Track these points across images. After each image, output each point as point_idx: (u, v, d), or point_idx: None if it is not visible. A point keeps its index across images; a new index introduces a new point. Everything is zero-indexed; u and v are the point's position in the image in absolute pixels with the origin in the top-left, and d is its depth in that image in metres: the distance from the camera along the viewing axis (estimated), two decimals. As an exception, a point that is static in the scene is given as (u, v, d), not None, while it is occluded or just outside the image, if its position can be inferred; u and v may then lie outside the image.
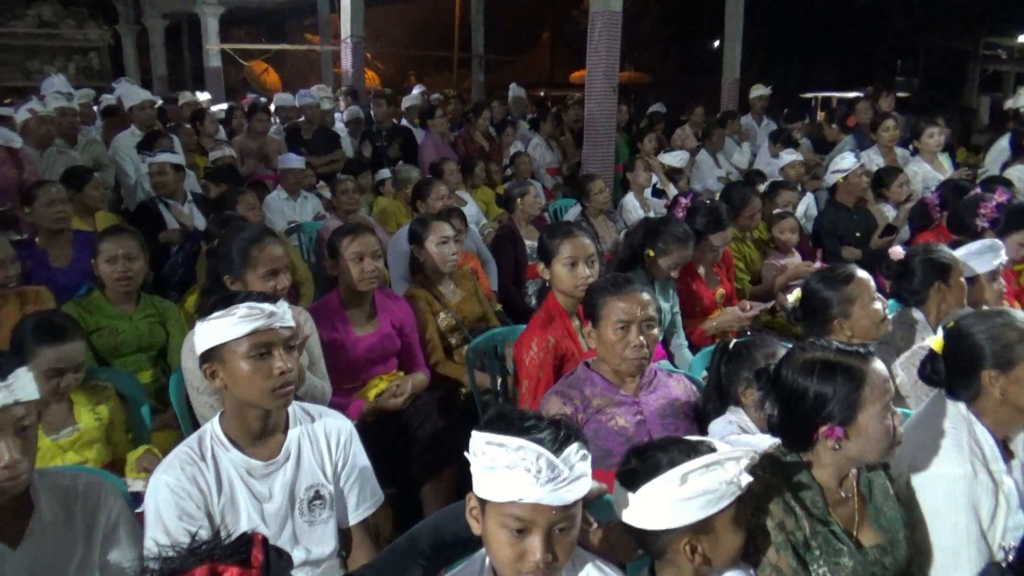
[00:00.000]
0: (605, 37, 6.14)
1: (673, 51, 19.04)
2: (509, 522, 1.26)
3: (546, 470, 1.24)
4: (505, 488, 1.25)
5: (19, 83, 12.65)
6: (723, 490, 1.36)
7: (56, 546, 1.56)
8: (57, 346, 2.16)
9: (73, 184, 3.71)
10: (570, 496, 1.27)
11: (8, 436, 1.43)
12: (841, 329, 2.27)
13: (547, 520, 1.26)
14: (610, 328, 2.07)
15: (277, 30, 19.02)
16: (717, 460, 1.37)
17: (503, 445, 1.26)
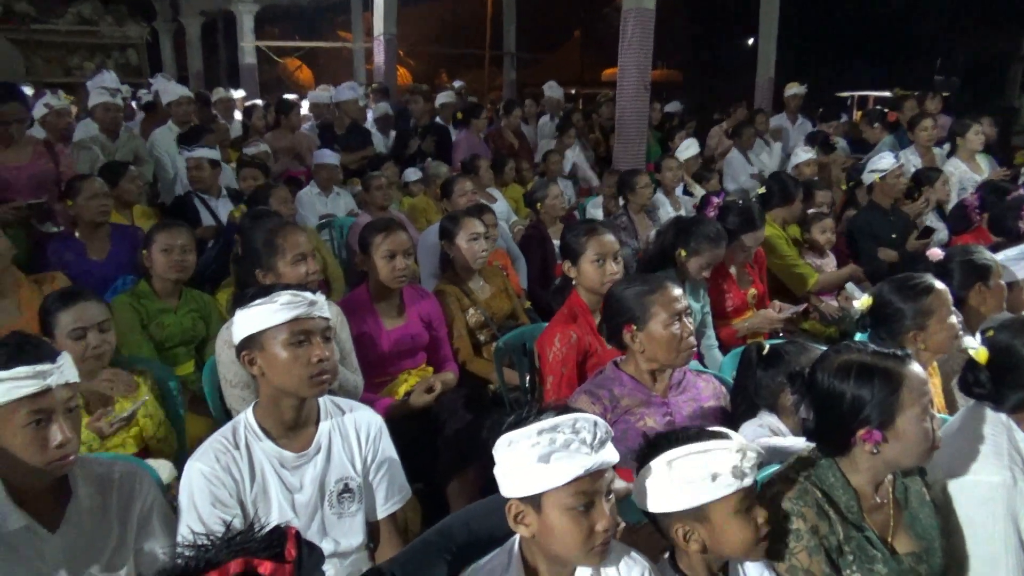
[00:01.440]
0: (638, 35, 6.11)
1: (706, 49, 18.85)
2: (575, 501, 1.28)
3: (601, 434, 1.28)
4: (567, 468, 1.26)
5: (60, 79, 12.90)
6: (711, 479, 1.36)
7: (92, 531, 1.60)
8: (72, 306, 2.21)
9: (110, 178, 3.77)
10: (615, 455, 1.32)
11: (61, 416, 1.49)
12: (915, 342, 2.17)
13: (604, 484, 1.30)
14: (661, 325, 2.05)
15: (311, 27, 19.19)
16: (703, 449, 1.38)
17: (556, 427, 1.28)
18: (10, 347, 1.48)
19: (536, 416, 1.31)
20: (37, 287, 2.81)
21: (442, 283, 3.27)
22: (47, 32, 14.23)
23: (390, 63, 10.96)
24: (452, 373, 2.95)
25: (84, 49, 14.93)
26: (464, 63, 19.11)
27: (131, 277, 3.22)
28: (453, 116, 7.64)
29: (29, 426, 1.46)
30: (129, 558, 1.66)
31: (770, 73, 9.62)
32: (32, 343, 1.51)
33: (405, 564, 1.39)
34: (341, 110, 6.91)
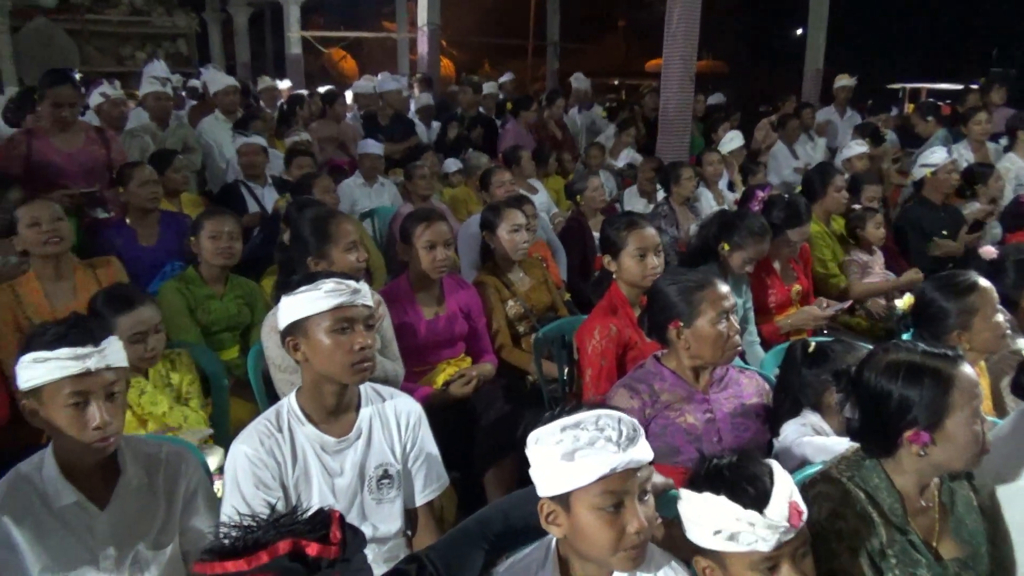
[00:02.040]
0: (683, 24, 6.02)
1: (752, 39, 18.51)
2: (603, 501, 1.24)
3: (627, 431, 1.25)
4: (593, 466, 1.23)
5: (112, 68, 13.22)
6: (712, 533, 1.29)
7: (140, 509, 1.65)
8: (131, 312, 2.27)
9: (158, 166, 3.86)
10: (649, 453, 1.28)
11: (99, 399, 1.53)
12: (959, 341, 2.12)
13: (636, 485, 1.26)
14: (708, 322, 2.02)
15: (355, 18, 19.33)
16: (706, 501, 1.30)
17: (579, 424, 1.25)
18: (60, 328, 1.53)
19: (567, 413, 1.29)
20: (92, 271, 2.90)
21: (482, 274, 3.28)
22: (101, 22, 14.58)
23: (433, 53, 11.00)
24: (490, 364, 2.96)
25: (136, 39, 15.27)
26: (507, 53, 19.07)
27: (179, 263, 3.30)
28: (498, 107, 7.63)
29: (69, 406, 1.51)
30: (175, 536, 1.71)
31: (819, 64, 9.41)
32: (80, 326, 1.55)
33: (443, 552, 1.40)
34: (385, 100, 6.97)
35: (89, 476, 1.59)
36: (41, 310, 2.70)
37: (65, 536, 1.56)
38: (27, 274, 2.81)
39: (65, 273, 2.83)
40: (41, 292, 2.76)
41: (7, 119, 4.87)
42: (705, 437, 2.01)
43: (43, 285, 2.77)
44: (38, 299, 2.73)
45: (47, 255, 2.77)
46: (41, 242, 2.74)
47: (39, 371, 1.50)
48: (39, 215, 2.74)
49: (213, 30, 17.23)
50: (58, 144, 3.82)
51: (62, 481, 1.56)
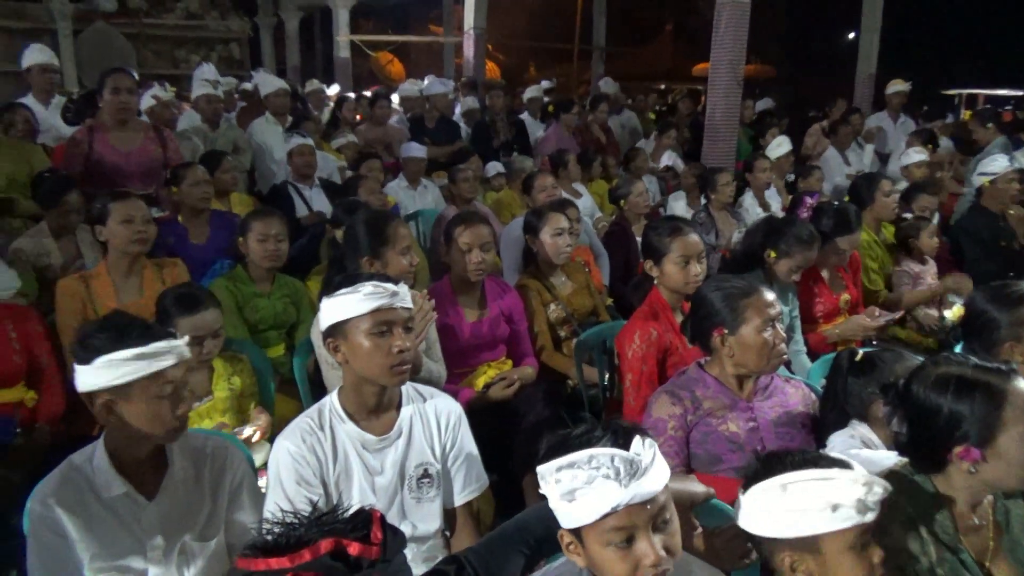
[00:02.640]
0: (731, 28, 5.95)
1: (802, 43, 18.21)
2: (612, 537, 1.21)
3: (624, 468, 1.20)
4: (594, 505, 1.20)
5: (168, 71, 13.58)
6: (829, 511, 1.26)
7: (186, 501, 1.69)
8: (194, 315, 2.31)
9: (208, 167, 3.94)
10: (657, 485, 1.22)
11: (181, 391, 1.60)
12: (1011, 353, 2.05)
13: (646, 518, 1.22)
14: (753, 330, 2.00)
15: (403, 22, 19.55)
16: (825, 476, 1.28)
17: (573, 464, 1.22)
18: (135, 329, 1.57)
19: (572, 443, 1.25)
20: (158, 270, 2.97)
21: (524, 277, 3.28)
22: (157, 26, 14.98)
23: (479, 57, 11.05)
24: (531, 367, 2.96)
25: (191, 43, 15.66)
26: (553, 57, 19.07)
27: (228, 261, 3.37)
28: (542, 111, 7.63)
29: (152, 402, 1.56)
30: (221, 529, 1.74)
31: (871, 69, 9.20)
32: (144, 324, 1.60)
33: (483, 554, 1.40)
34: (431, 103, 7.02)
35: (138, 468, 1.64)
36: (109, 304, 2.76)
37: (114, 526, 1.60)
38: (99, 267, 2.88)
39: (136, 270, 2.90)
40: (112, 286, 2.82)
41: (67, 119, 5.03)
42: (748, 446, 1.98)
43: (114, 279, 2.84)
44: (108, 292, 2.80)
45: (129, 253, 2.84)
46: (130, 240, 2.80)
47: (134, 367, 1.53)
48: (133, 213, 2.81)
49: (265, 34, 17.59)
50: (117, 143, 3.94)
51: (112, 472, 1.60)
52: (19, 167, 3.85)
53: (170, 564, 1.66)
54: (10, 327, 2.54)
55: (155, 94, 5.14)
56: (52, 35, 12.62)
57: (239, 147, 5.17)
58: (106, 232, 2.82)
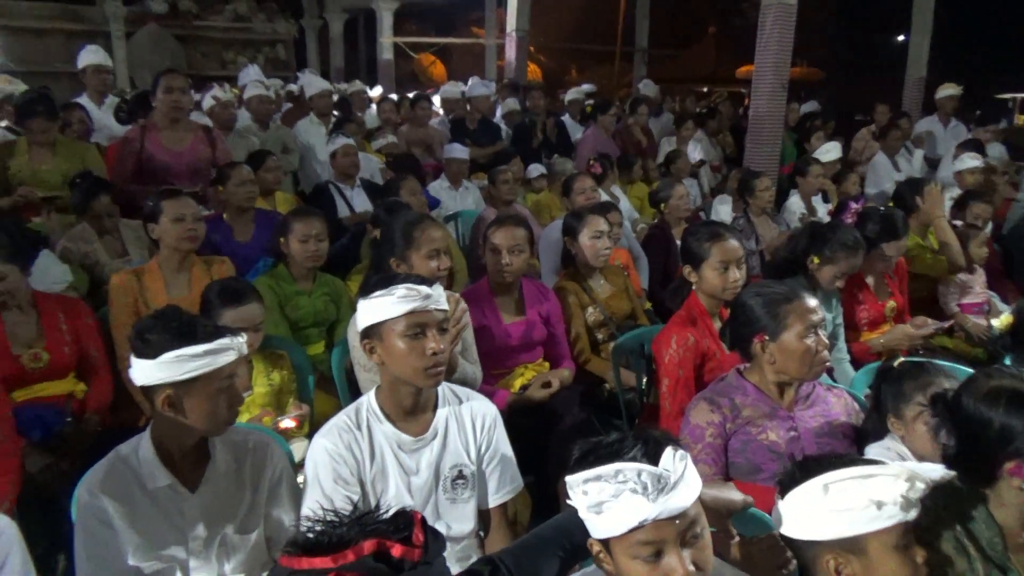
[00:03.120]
0: (777, 30, 5.86)
1: (850, 46, 17.84)
2: (640, 551, 1.20)
3: (652, 483, 1.18)
4: (621, 519, 1.19)
5: (216, 72, 13.86)
6: (873, 509, 1.24)
7: (227, 494, 1.73)
8: (237, 307, 2.36)
9: (252, 166, 4.01)
10: (686, 500, 1.20)
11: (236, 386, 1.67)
12: None
13: (675, 533, 1.20)
14: (795, 336, 1.96)
15: (445, 24, 19.67)
16: (866, 474, 1.27)
17: (600, 477, 1.21)
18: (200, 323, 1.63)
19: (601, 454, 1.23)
20: (206, 267, 3.03)
21: (563, 280, 3.28)
22: (206, 28, 15.30)
23: (521, 59, 11.05)
24: (568, 370, 2.95)
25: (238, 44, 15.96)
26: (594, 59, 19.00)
27: (270, 259, 3.43)
28: (581, 112, 7.61)
29: (213, 396, 1.62)
30: (260, 522, 1.77)
31: (922, 72, 8.99)
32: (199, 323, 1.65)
33: (518, 556, 1.40)
34: (472, 105, 7.05)
35: (182, 460, 1.68)
36: (159, 298, 2.83)
37: (158, 517, 1.64)
38: (151, 263, 2.96)
39: (185, 266, 2.97)
40: (162, 281, 2.90)
41: (120, 119, 5.18)
42: (788, 455, 1.95)
43: (164, 275, 2.91)
44: (159, 287, 2.88)
45: (180, 250, 2.91)
46: (181, 237, 2.87)
47: (195, 364, 1.58)
48: (184, 212, 2.87)
49: (310, 36, 17.86)
50: (168, 143, 4.03)
51: (157, 464, 1.64)
52: (74, 165, 3.96)
53: (210, 555, 1.70)
54: (62, 319, 2.62)
55: (215, 95, 5.27)
56: (105, 37, 12.97)
57: (288, 147, 5.25)
58: (158, 230, 2.88)
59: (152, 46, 13.96)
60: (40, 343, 2.54)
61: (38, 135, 3.90)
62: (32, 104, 3.89)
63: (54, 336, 2.57)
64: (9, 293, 2.45)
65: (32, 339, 2.54)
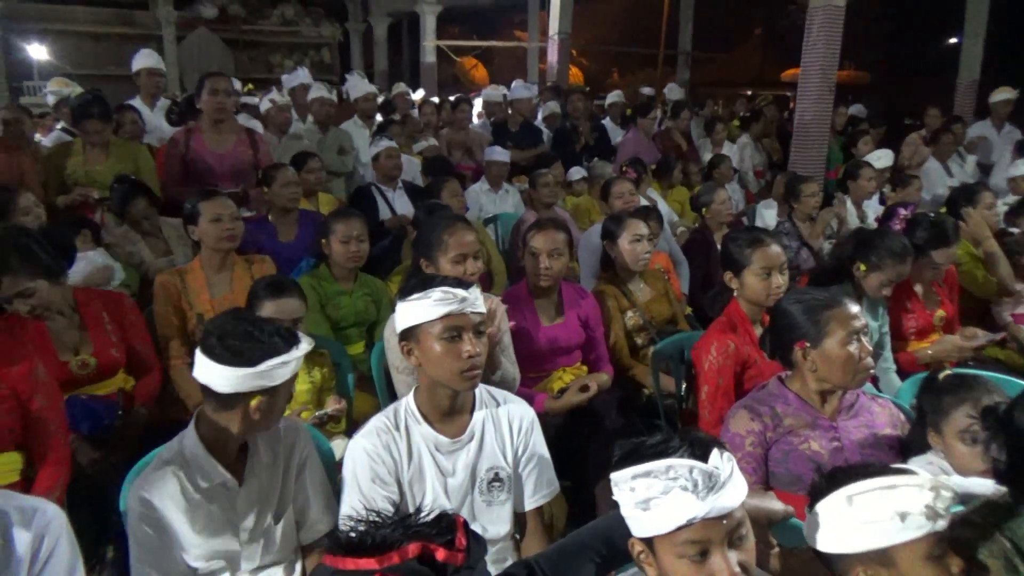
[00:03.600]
0: (824, 33, 5.77)
1: (899, 48, 17.44)
2: (686, 550, 1.19)
3: (703, 481, 1.17)
4: (668, 516, 1.18)
5: (263, 75, 14.15)
6: (898, 521, 1.22)
7: (267, 482, 1.78)
8: (277, 299, 2.40)
9: (295, 167, 4.07)
10: (735, 500, 1.20)
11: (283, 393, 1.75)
12: None
13: (722, 533, 1.19)
14: (837, 343, 1.92)
15: (488, 27, 19.77)
16: (890, 484, 1.25)
17: (649, 473, 1.20)
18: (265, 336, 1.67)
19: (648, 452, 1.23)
20: (248, 266, 3.09)
21: (602, 284, 3.26)
22: (254, 32, 15.62)
23: (563, 62, 11.04)
24: (607, 374, 2.94)
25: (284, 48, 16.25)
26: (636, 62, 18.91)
27: (313, 259, 3.48)
28: (621, 116, 7.57)
29: (286, 398, 1.73)
30: (290, 504, 1.82)
31: (975, 75, 8.76)
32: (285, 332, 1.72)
33: (554, 560, 1.40)
34: (514, 108, 7.06)
35: (229, 455, 1.72)
36: (202, 297, 2.90)
37: (213, 513, 1.69)
38: (193, 263, 3.02)
39: (227, 266, 3.02)
40: (204, 281, 2.95)
41: (171, 121, 5.31)
42: (831, 466, 1.91)
43: (207, 274, 2.97)
44: (201, 287, 2.93)
45: (220, 249, 2.96)
46: (220, 237, 2.92)
47: (286, 369, 1.68)
48: (221, 212, 2.92)
49: (355, 39, 18.13)
50: (212, 145, 4.12)
51: (207, 458, 1.68)
52: (126, 166, 4.07)
53: (257, 545, 1.74)
54: (106, 318, 2.61)
55: (272, 98, 5.37)
56: (158, 41, 13.32)
57: (344, 149, 5.31)
58: (198, 231, 2.94)
59: (202, 50, 14.30)
60: (87, 348, 2.53)
61: (92, 136, 4.02)
62: (87, 106, 4.01)
63: (100, 339, 2.57)
64: (43, 307, 2.38)
65: (77, 343, 2.53)
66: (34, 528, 1.38)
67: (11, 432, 2.04)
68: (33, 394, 2.07)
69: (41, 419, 2.09)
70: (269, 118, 5.23)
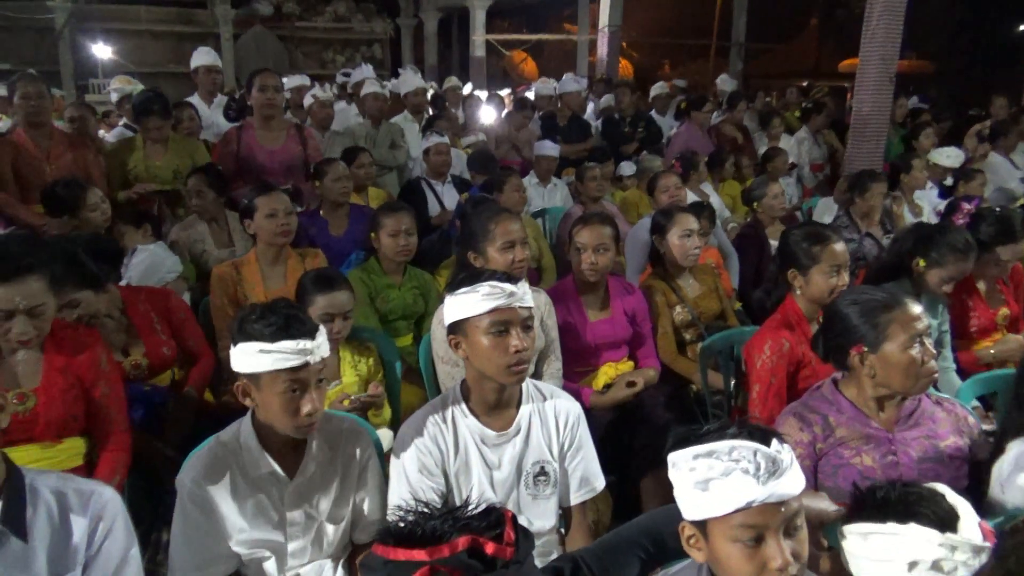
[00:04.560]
0: (885, 22, 5.59)
1: (965, 36, 16.80)
2: (741, 534, 1.18)
3: (765, 464, 1.17)
4: (727, 498, 1.18)
5: (315, 71, 14.38)
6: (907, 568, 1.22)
7: (321, 480, 1.79)
8: (328, 293, 2.44)
9: (346, 162, 4.12)
10: (794, 487, 1.19)
11: (312, 388, 1.67)
12: None
13: (779, 519, 1.18)
14: (898, 347, 1.80)
15: (537, 20, 19.71)
16: (895, 532, 1.23)
17: (712, 453, 1.20)
18: (278, 319, 1.65)
19: (700, 438, 1.23)
20: (301, 259, 3.16)
21: (651, 279, 3.23)
22: (308, 29, 15.88)
23: (613, 55, 10.97)
24: (654, 369, 2.91)
25: (337, 44, 16.50)
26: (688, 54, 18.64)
27: (363, 252, 3.53)
28: (677, 109, 7.48)
29: (286, 393, 1.64)
30: (349, 508, 1.83)
31: (1046, 63, 8.39)
32: (297, 320, 1.67)
33: (599, 555, 1.39)
34: (563, 102, 7.03)
35: (282, 446, 1.74)
36: (257, 289, 2.97)
37: (260, 502, 1.71)
38: (249, 255, 3.09)
39: (281, 259, 3.09)
40: (259, 273, 3.03)
41: (229, 117, 5.44)
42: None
43: (262, 267, 3.04)
44: (256, 279, 3.01)
45: (275, 244, 3.03)
46: (275, 232, 2.98)
47: (262, 361, 1.63)
48: (277, 207, 2.98)
49: (405, 35, 18.28)
50: (263, 141, 4.21)
51: (260, 451, 1.71)
52: (183, 161, 4.19)
53: (307, 539, 1.76)
54: (155, 319, 2.65)
55: (315, 93, 5.46)
56: (215, 39, 13.65)
57: (396, 143, 5.38)
58: (254, 226, 3.00)
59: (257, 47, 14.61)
60: (138, 349, 2.58)
61: (153, 132, 4.14)
62: (148, 103, 4.13)
63: (151, 339, 2.61)
64: (89, 316, 2.42)
65: (127, 344, 2.57)
66: (91, 510, 1.42)
67: (75, 419, 2.12)
68: (96, 382, 2.15)
69: (104, 407, 2.16)
70: (312, 114, 5.31)
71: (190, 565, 1.65)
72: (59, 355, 2.10)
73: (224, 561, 1.69)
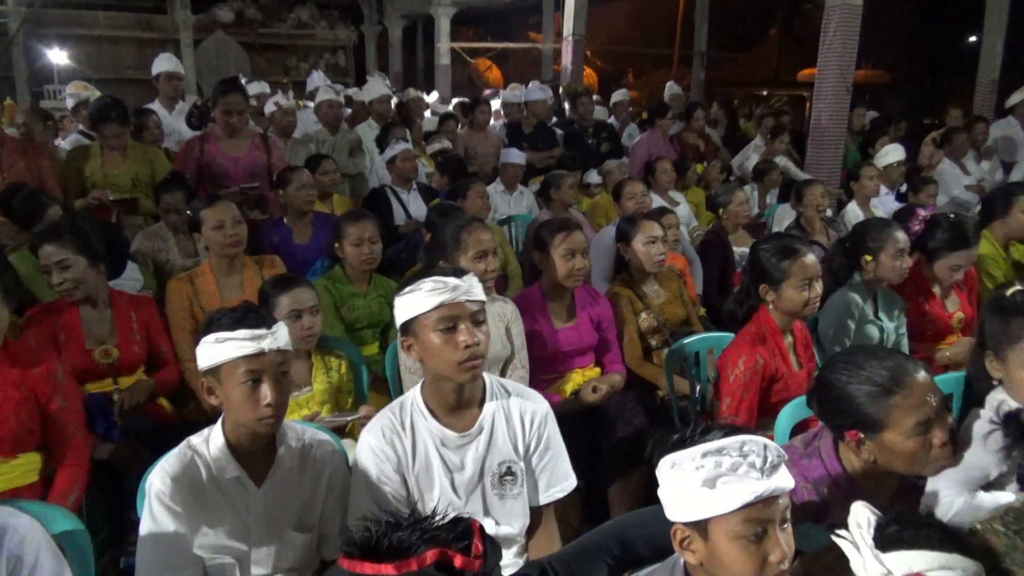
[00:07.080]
0: (841, 32, 5.73)
1: (919, 46, 17.26)
2: (745, 529, 1.19)
3: (772, 457, 1.19)
4: (737, 494, 1.18)
5: (278, 78, 14.24)
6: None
7: (289, 491, 1.76)
8: (290, 291, 2.44)
9: (310, 170, 4.08)
10: (789, 481, 1.22)
11: (270, 379, 1.66)
12: None
13: (780, 512, 1.21)
14: (904, 435, 1.55)
15: (502, 28, 19.78)
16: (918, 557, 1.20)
17: (722, 450, 1.20)
18: (237, 313, 1.68)
19: (701, 436, 1.24)
20: (258, 267, 3.12)
21: (616, 285, 3.25)
22: (271, 35, 15.72)
23: (577, 63, 11.03)
24: (619, 375, 2.93)
25: (300, 51, 16.36)
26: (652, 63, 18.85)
27: (327, 261, 3.49)
28: (640, 119, 7.55)
29: (244, 384, 1.64)
30: (317, 521, 1.80)
31: (994, 74, 8.64)
32: (255, 312, 1.70)
33: (567, 562, 1.39)
34: (529, 110, 7.04)
35: (251, 454, 1.72)
36: (213, 300, 2.93)
37: (225, 508, 1.68)
38: (203, 266, 3.06)
39: (236, 268, 3.06)
40: (215, 284, 2.99)
41: (191, 124, 5.35)
42: None
43: (217, 278, 3.01)
44: (212, 290, 2.97)
45: (226, 255, 3.00)
46: (224, 244, 2.96)
47: (219, 350, 1.64)
48: (223, 218, 2.95)
49: (369, 42, 18.19)
50: (227, 149, 4.15)
51: (227, 456, 1.69)
52: (143, 169, 4.11)
53: (270, 551, 1.73)
54: (134, 317, 2.76)
55: (277, 101, 5.39)
56: (175, 45, 13.43)
57: (355, 151, 5.33)
58: (203, 239, 2.99)
59: (219, 53, 14.41)
60: (111, 339, 2.67)
61: (111, 139, 4.06)
62: (105, 109, 4.05)
63: (125, 334, 2.71)
64: (74, 283, 2.56)
65: (104, 336, 2.67)
66: (6, 551, 1.34)
67: (30, 433, 2.07)
68: (52, 395, 2.10)
69: (60, 420, 2.11)
70: (274, 121, 5.26)
71: (158, 568, 1.62)
72: (13, 368, 2.06)
73: (192, 565, 1.65)
